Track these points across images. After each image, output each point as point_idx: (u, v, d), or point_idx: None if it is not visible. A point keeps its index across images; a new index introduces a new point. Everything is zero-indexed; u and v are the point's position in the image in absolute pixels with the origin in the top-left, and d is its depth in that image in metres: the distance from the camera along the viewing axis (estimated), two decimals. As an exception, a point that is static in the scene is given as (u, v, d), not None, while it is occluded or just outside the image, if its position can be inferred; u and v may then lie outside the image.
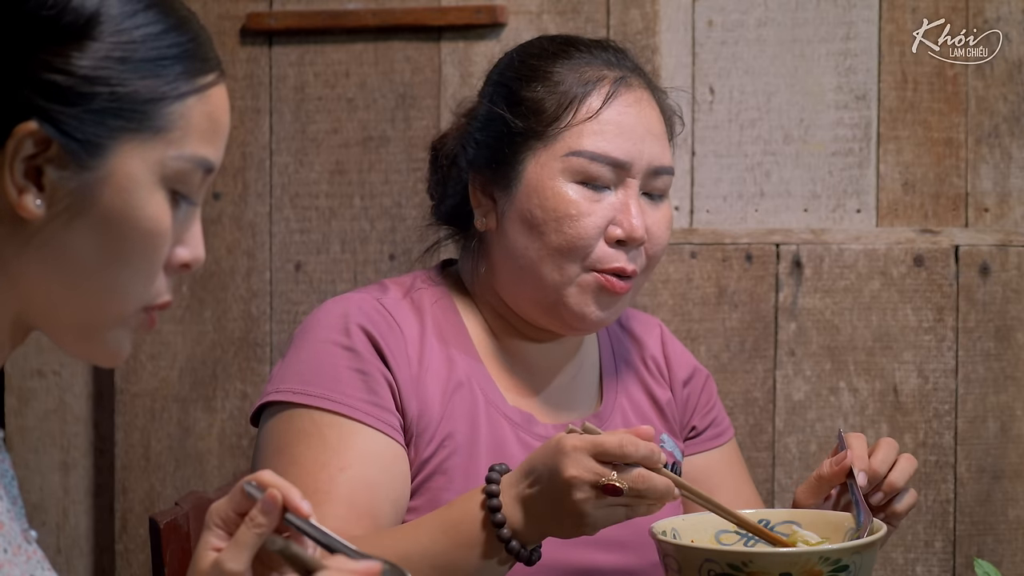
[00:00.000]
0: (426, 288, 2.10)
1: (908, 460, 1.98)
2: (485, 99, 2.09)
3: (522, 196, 2.01)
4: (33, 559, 1.37)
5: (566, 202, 1.99)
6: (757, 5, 2.92)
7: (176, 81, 1.32)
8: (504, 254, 2.04)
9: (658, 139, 2.04)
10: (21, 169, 1.28)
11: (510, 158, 2.03)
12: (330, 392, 1.96)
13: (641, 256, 2.02)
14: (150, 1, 1.33)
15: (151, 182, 1.31)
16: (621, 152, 2.00)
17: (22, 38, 1.28)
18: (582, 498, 1.73)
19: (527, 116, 2.02)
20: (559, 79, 2.03)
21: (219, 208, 3.06)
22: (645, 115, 2.03)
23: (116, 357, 1.37)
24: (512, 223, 2.03)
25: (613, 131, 2.00)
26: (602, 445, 1.72)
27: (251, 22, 3.04)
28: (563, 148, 2.00)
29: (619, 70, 2.05)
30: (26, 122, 1.27)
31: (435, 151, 2.16)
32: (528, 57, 2.08)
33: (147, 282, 1.34)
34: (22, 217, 1.29)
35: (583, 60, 2.05)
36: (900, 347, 2.88)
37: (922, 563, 2.88)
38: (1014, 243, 2.86)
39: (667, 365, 2.22)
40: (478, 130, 2.07)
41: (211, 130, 1.35)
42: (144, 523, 3.04)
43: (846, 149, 2.91)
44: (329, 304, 2.05)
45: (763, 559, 1.73)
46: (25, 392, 3.19)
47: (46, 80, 1.28)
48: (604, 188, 2.00)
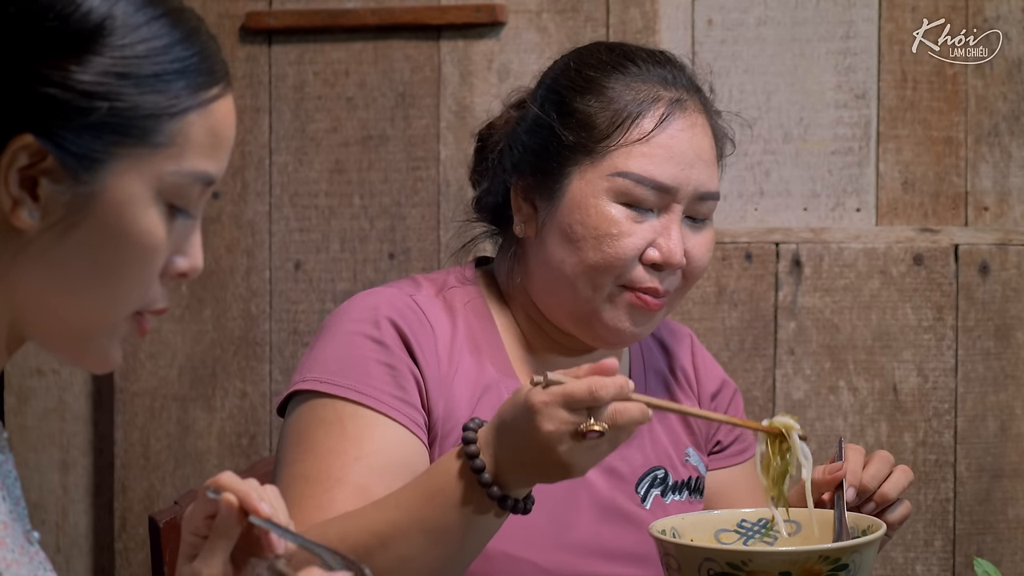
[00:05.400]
0: (459, 287, 2.07)
1: (903, 472, 1.97)
2: (536, 102, 2.05)
3: (564, 210, 1.98)
4: (36, 560, 1.36)
5: (607, 221, 1.96)
6: (757, 4, 2.92)
7: (178, 96, 1.30)
8: (541, 264, 2.02)
9: (707, 165, 2.00)
10: (16, 180, 1.27)
11: (555, 170, 2.00)
12: (356, 383, 1.94)
13: (677, 277, 2.00)
14: (158, 13, 1.31)
15: (147, 196, 1.30)
16: (668, 177, 1.97)
17: (22, 49, 1.27)
18: (564, 449, 1.69)
19: (577, 129, 1.99)
20: (613, 95, 1.99)
21: (218, 207, 3.06)
22: (697, 140, 2.00)
23: (106, 364, 1.36)
24: (551, 235, 2.00)
25: (662, 155, 1.97)
26: (572, 396, 1.68)
27: (250, 21, 3.04)
28: (610, 167, 1.97)
29: (675, 90, 2.01)
30: (22, 134, 1.26)
31: (482, 141, 2.12)
32: (584, 67, 2.03)
33: (142, 292, 1.33)
34: (16, 227, 1.28)
35: (639, 76, 2.01)
36: (900, 346, 2.88)
37: (922, 562, 2.88)
38: (1014, 242, 2.86)
39: (696, 377, 2.19)
40: (526, 132, 2.04)
41: (212, 144, 1.33)
42: (143, 522, 3.04)
43: (846, 148, 2.91)
44: (360, 296, 2.03)
45: (763, 558, 1.73)
46: (24, 391, 3.19)
47: (44, 93, 1.26)
48: (647, 210, 1.97)
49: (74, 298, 1.31)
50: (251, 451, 3.06)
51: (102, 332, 1.33)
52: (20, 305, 1.31)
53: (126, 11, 1.29)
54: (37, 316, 1.32)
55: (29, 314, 1.32)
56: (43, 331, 1.33)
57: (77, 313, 1.32)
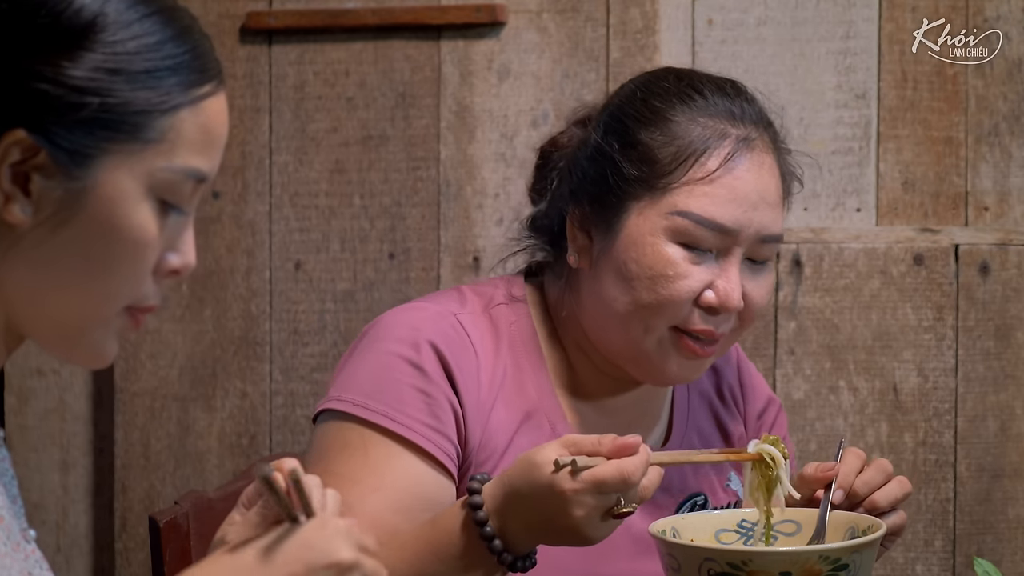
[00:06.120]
0: (506, 305, 1.99)
1: (899, 484, 1.92)
2: (599, 129, 1.96)
3: (620, 246, 1.91)
4: (31, 558, 1.37)
5: (664, 262, 1.89)
6: (757, 4, 2.92)
7: (169, 93, 1.31)
8: (593, 297, 1.94)
9: (772, 207, 1.92)
10: (8, 175, 1.27)
11: (613, 203, 1.92)
12: (388, 409, 1.88)
13: (733, 320, 1.93)
14: (151, 10, 1.31)
15: (139, 192, 1.30)
16: (730, 219, 1.88)
17: (14, 45, 1.27)
18: (591, 529, 1.70)
19: (638, 163, 1.91)
20: (678, 129, 1.91)
21: (218, 207, 3.06)
22: (763, 182, 1.92)
23: (101, 359, 1.36)
24: (605, 270, 1.92)
25: (725, 196, 1.89)
26: (604, 483, 1.67)
27: (251, 21, 3.04)
28: (670, 205, 1.89)
29: (743, 127, 1.92)
30: (15, 130, 1.26)
31: (543, 158, 2.05)
32: (649, 96, 1.95)
33: (134, 288, 1.33)
34: (9, 223, 1.28)
35: (706, 109, 1.92)
36: (900, 346, 2.88)
37: (922, 562, 2.88)
38: (1014, 242, 2.86)
39: (743, 396, 2.14)
40: (586, 159, 1.96)
41: (205, 141, 1.34)
42: (143, 522, 3.04)
43: (846, 148, 2.91)
44: (403, 311, 1.96)
45: (763, 558, 1.73)
46: (25, 391, 3.19)
47: (36, 89, 1.27)
48: (706, 251, 1.89)
49: (66, 293, 1.31)
50: (251, 451, 3.06)
51: (94, 327, 1.33)
52: (12, 301, 1.32)
53: (118, 8, 1.30)
54: (30, 311, 1.32)
55: (21, 310, 1.32)
56: (36, 327, 1.34)
57: (69, 308, 1.32)
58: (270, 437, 3.06)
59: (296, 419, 3.05)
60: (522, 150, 2.94)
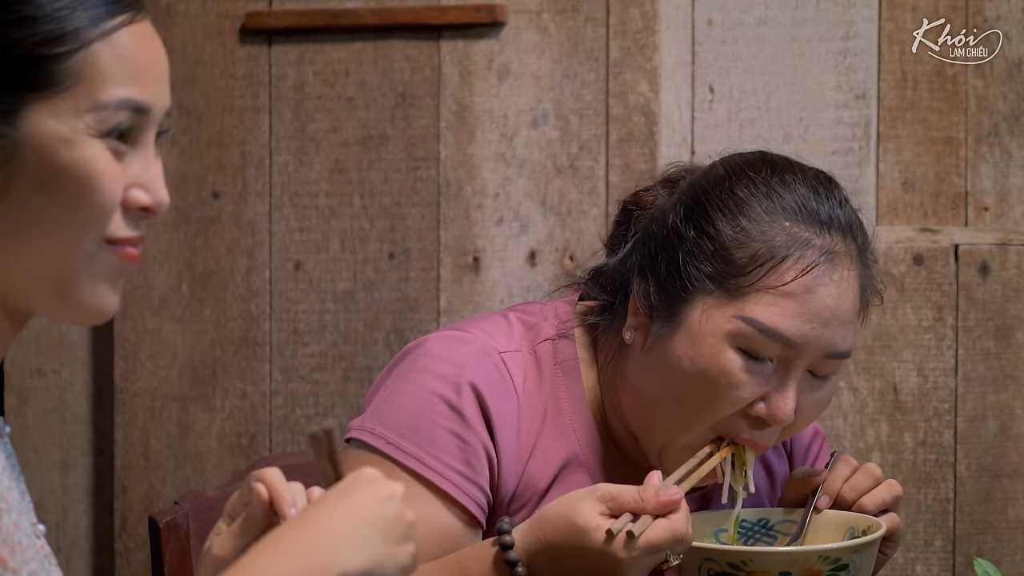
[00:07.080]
0: (552, 343, 1.90)
1: (887, 487, 1.89)
2: (679, 210, 1.85)
3: (679, 339, 1.81)
4: (41, 553, 1.37)
5: (719, 369, 1.78)
6: (757, 4, 2.92)
7: (76, 32, 1.30)
8: (638, 378, 1.85)
9: (843, 324, 1.81)
10: None
11: (680, 292, 1.81)
12: (422, 453, 1.82)
13: (779, 430, 1.84)
14: None
15: (74, 134, 1.30)
16: (796, 334, 1.78)
17: None
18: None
19: (711, 255, 1.80)
20: (757, 230, 1.80)
21: (218, 207, 3.06)
22: (841, 299, 1.80)
23: (101, 310, 1.35)
24: (657, 357, 1.82)
25: (795, 309, 1.78)
26: (658, 546, 1.68)
27: (251, 21, 3.04)
28: (736, 308, 1.79)
29: (829, 236, 1.81)
30: None
31: (625, 213, 1.95)
32: (736, 185, 1.83)
33: (100, 220, 1.32)
34: None
35: (792, 211, 1.81)
36: (900, 346, 2.88)
37: (922, 562, 2.88)
38: (1014, 242, 2.86)
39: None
40: (663, 237, 1.85)
41: (130, 71, 1.32)
42: (143, 522, 3.04)
43: (846, 148, 2.91)
44: (447, 343, 1.87)
45: (763, 558, 1.73)
46: (24, 391, 3.19)
47: None
48: (766, 360, 1.79)
49: (38, 245, 1.31)
50: (251, 451, 3.06)
51: (79, 270, 1.32)
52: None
53: None
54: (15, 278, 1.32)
55: (6, 278, 1.32)
56: (27, 292, 1.33)
57: (47, 258, 1.31)
58: (270, 437, 3.06)
59: (296, 419, 3.05)
60: (522, 150, 2.94)
